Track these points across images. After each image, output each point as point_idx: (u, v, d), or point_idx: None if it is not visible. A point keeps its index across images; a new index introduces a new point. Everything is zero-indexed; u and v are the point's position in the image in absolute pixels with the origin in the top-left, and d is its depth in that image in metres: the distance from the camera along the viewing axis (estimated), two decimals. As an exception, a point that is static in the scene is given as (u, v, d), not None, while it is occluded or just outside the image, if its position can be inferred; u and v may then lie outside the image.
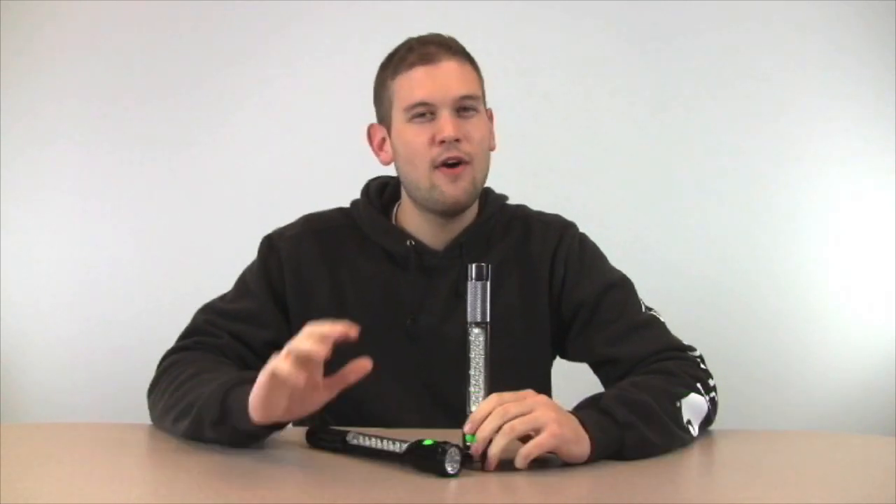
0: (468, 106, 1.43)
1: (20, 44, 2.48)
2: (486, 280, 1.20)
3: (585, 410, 1.23)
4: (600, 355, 1.47)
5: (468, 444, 1.15)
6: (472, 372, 1.20)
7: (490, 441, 1.14)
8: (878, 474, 1.23)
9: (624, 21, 2.46)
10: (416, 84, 1.42)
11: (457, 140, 1.41)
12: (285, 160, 2.48)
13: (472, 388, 1.20)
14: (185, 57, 2.49)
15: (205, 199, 2.49)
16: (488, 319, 1.20)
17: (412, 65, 1.43)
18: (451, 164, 1.42)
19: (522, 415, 1.15)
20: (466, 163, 1.43)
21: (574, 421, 1.19)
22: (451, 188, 1.42)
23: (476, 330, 1.20)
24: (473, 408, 1.18)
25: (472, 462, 1.15)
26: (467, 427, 1.16)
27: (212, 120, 2.50)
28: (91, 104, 2.49)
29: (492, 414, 1.14)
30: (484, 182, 1.49)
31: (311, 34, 2.50)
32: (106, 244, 2.50)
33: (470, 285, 1.20)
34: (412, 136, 1.43)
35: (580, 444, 1.18)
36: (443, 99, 1.41)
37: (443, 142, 1.41)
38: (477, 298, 1.20)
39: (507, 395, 1.17)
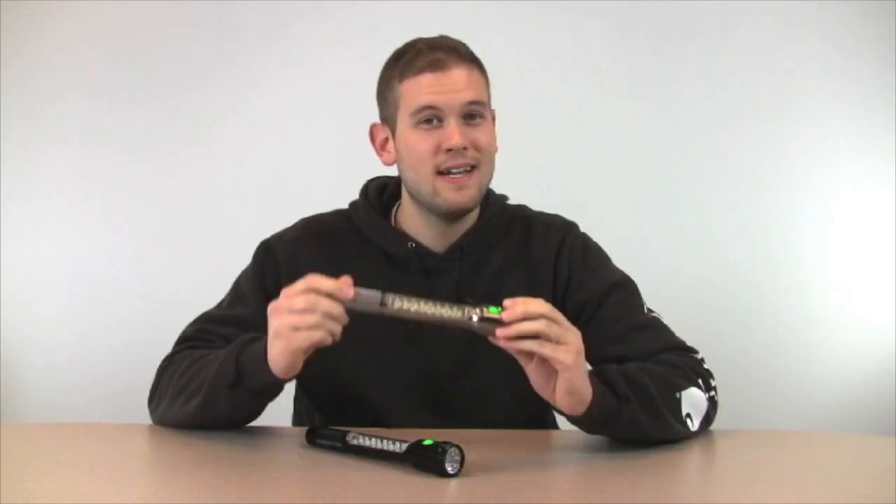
0: (475, 112, 1.42)
1: (20, 44, 2.48)
2: None
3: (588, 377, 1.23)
4: (603, 354, 1.46)
5: (489, 314, 1.14)
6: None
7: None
8: (878, 474, 1.23)
9: (624, 21, 2.46)
10: (425, 89, 1.40)
11: (464, 148, 1.40)
12: (285, 161, 2.48)
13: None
14: (185, 57, 2.49)
15: (204, 199, 2.49)
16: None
17: (421, 70, 1.40)
18: (458, 173, 1.41)
19: (558, 337, 1.15)
20: (474, 167, 1.42)
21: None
22: (455, 195, 1.42)
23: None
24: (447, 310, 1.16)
25: (492, 326, 1.14)
26: (507, 303, 1.14)
27: (212, 120, 2.50)
28: (91, 104, 2.50)
29: (539, 321, 1.14)
30: (489, 185, 1.48)
31: (311, 34, 2.50)
32: (106, 244, 2.50)
33: None
34: (417, 142, 1.42)
35: (584, 387, 1.19)
36: (451, 106, 1.40)
37: (449, 150, 1.40)
38: None
39: (558, 315, 1.16)
